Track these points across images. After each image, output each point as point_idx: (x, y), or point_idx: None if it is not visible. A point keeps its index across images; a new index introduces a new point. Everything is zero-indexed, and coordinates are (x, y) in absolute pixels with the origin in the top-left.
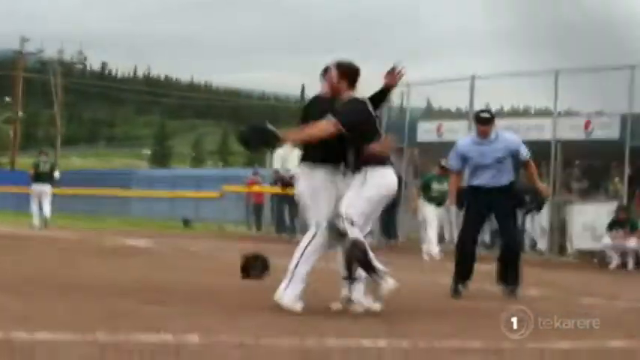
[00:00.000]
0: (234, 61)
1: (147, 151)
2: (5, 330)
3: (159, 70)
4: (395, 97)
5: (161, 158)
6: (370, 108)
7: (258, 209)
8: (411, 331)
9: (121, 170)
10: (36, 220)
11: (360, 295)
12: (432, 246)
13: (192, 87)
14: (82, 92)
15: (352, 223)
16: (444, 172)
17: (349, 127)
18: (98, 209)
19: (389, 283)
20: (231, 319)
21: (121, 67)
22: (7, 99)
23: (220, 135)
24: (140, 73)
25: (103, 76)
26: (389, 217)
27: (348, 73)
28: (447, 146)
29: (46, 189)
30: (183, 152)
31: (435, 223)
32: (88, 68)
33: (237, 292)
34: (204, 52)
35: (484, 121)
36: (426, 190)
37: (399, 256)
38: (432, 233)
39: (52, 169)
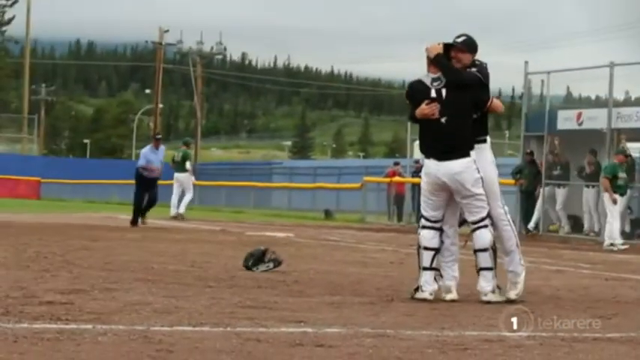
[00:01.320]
0: (374, 51)
1: (287, 143)
2: (146, 324)
3: (299, 61)
4: (535, 86)
5: (302, 149)
6: None
7: (399, 200)
8: (552, 323)
9: (261, 162)
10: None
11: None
12: (615, 235)
13: (332, 77)
14: (222, 83)
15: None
16: (625, 160)
17: None
18: (239, 201)
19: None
20: (372, 310)
21: (261, 57)
22: (148, 91)
23: (361, 125)
24: (280, 64)
25: (243, 66)
26: (528, 205)
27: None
28: (587, 134)
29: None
30: (323, 143)
31: (617, 213)
32: (228, 59)
33: (377, 283)
34: (344, 41)
35: None
36: (613, 179)
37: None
38: (615, 224)
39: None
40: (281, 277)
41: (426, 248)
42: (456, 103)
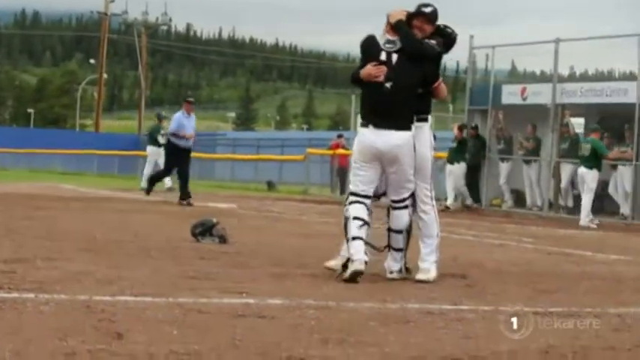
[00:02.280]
0: (319, 24)
1: (231, 114)
2: (88, 294)
3: (243, 32)
4: (479, 60)
5: (245, 121)
6: None
7: (342, 173)
8: (493, 296)
9: (205, 133)
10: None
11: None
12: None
13: (276, 49)
14: (167, 54)
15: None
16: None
17: None
18: None
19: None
20: (314, 282)
21: (206, 28)
22: (92, 61)
23: (305, 98)
24: (225, 35)
25: (187, 37)
26: (472, 180)
27: None
28: (531, 109)
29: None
30: (267, 115)
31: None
32: (173, 30)
33: (320, 256)
34: (290, 14)
35: None
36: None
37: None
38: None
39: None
40: (223, 249)
41: (356, 218)
42: (405, 71)
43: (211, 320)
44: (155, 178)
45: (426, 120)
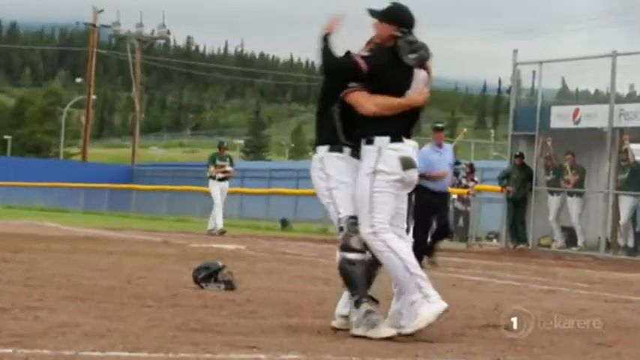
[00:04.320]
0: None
1: (239, 141)
2: (75, 348)
3: (253, 47)
4: (525, 78)
5: (255, 149)
6: None
7: None
8: (541, 350)
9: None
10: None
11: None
12: None
13: (291, 66)
14: (165, 72)
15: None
16: None
17: None
18: (182, 208)
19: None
20: (335, 335)
21: (210, 42)
22: (79, 80)
23: None
24: (231, 50)
25: (188, 53)
26: (516, 215)
27: None
28: (585, 134)
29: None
30: (280, 142)
31: None
32: (172, 44)
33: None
34: (305, 26)
35: None
36: None
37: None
38: None
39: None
40: (231, 296)
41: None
42: (321, 87)
43: None
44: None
45: (370, 142)
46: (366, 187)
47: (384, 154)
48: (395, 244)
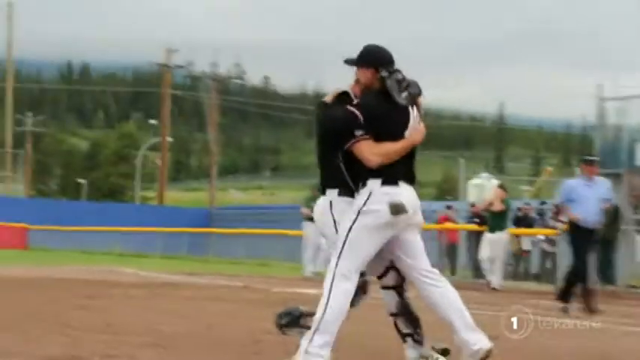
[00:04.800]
0: (417, 75)
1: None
2: None
3: (329, 86)
4: (610, 114)
5: None
6: None
7: (452, 250)
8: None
9: (289, 205)
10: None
11: None
12: None
13: None
14: (241, 112)
15: None
16: None
17: None
18: (263, 252)
19: None
20: None
21: (286, 82)
22: (153, 121)
23: None
24: (309, 89)
25: (265, 93)
26: (605, 255)
27: None
28: None
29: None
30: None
31: None
32: (248, 84)
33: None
34: None
35: None
36: None
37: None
38: None
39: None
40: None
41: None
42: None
43: None
44: (573, 280)
45: (365, 185)
46: (346, 225)
47: (374, 196)
48: (336, 295)
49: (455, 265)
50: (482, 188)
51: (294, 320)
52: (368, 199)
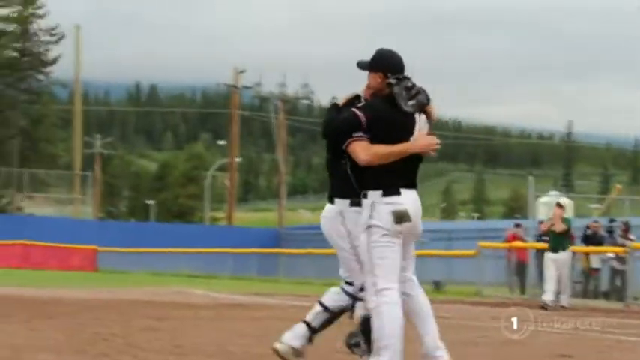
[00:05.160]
0: (485, 93)
1: None
2: None
3: None
4: None
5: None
6: None
7: (521, 268)
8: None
9: None
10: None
11: None
12: None
13: (438, 125)
14: (309, 133)
15: None
16: None
17: None
18: (332, 272)
19: None
20: None
21: None
22: (221, 142)
23: (473, 181)
24: None
25: None
26: None
27: None
28: None
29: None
30: (431, 202)
31: None
32: (316, 104)
33: None
34: (451, 82)
35: None
36: None
37: None
38: None
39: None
40: None
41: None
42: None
43: None
44: None
45: (366, 197)
46: (364, 243)
47: (377, 208)
48: (385, 311)
49: (524, 283)
50: (551, 206)
51: (364, 339)
52: (371, 212)
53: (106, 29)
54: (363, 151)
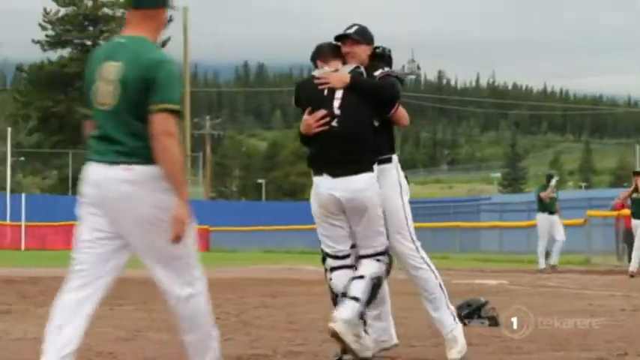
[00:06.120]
0: (593, 63)
1: (496, 174)
2: None
3: (505, 78)
4: None
5: (513, 182)
6: None
7: (629, 236)
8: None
9: (467, 198)
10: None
11: None
12: None
13: (545, 96)
14: (417, 107)
15: None
16: None
17: None
18: (442, 244)
19: None
20: None
21: (461, 75)
22: None
23: (581, 151)
24: (483, 82)
25: (440, 87)
26: None
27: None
28: None
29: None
30: (538, 174)
31: None
32: (422, 79)
33: (607, 335)
34: (558, 53)
35: None
36: None
37: None
38: None
39: None
40: (495, 332)
41: (344, 295)
42: (353, 103)
43: None
44: None
45: (389, 161)
46: (398, 201)
47: (400, 172)
48: (430, 261)
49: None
50: None
51: (475, 311)
52: (398, 173)
53: (213, 10)
54: (404, 115)
